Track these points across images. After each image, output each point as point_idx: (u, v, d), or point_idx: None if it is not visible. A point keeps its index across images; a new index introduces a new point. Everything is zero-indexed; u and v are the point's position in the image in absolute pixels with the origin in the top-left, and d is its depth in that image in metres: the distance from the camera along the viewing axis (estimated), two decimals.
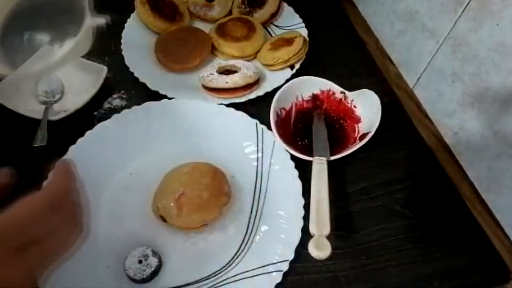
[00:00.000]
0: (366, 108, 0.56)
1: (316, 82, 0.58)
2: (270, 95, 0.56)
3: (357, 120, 0.56)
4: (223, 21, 0.66)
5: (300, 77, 0.58)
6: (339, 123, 0.57)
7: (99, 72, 0.59)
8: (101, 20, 0.48)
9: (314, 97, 0.58)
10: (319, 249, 0.40)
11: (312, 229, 0.42)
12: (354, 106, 0.57)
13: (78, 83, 0.57)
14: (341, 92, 0.57)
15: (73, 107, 0.55)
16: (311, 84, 0.58)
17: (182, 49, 0.61)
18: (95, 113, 0.57)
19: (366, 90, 0.56)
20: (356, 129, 0.56)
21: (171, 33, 0.64)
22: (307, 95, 0.58)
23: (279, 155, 0.51)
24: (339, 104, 0.58)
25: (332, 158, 0.50)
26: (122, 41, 0.62)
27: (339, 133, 0.56)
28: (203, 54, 0.62)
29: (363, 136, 0.53)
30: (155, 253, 0.43)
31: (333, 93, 0.58)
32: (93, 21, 0.48)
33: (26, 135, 0.52)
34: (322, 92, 0.58)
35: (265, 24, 0.69)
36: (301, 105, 0.58)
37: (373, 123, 0.53)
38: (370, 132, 0.52)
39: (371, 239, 0.48)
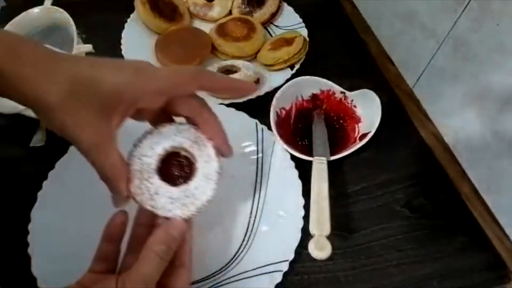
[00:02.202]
0: (366, 108, 0.56)
1: (316, 82, 0.58)
2: (270, 95, 0.56)
3: (357, 120, 0.56)
4: (223, 21, 0.66)
5: (300, 77, 0.58)
6: (339, 123, 0.57)
7: None
8: (88, 47, 0.52)
9: (314, 97, 0.58)
10: (319, 249, 0.40)
11: (312, 229, 0.42)
12: (354, 106, 0.57)
13: None
14: (341, 92, 0.57)
15: None
16: (311, 84, 0.58)
17: (182, 49, 0.61)
18: None
19: (366, 90, 0.56)
20: (356, 129, 0.56)
21: (171, 33, 0.64)
22: (307, 95, 0.58)
23: (279, 155, 0.51)
24: (339, 104, 0.58)
25: (332, 158, 0.50)
26: (122, 41, 0.62)
27: (339, 133, 0.56)
28: (203, 54, 0.62)
29: (363, 136, 0.53)
30: None
31: (333, 93, 0.58)
32: (80, 48, 0.51)
33: (25, 135, 0.52)
34: (322, 92, 0.58)
35: (265, 24, 0.69)
36: (301, 105, 0.58)
37: (373, 123, 0.53)
38: (370, 132, 0.52)
39: (371, 239, 0.48)
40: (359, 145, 0.51)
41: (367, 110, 0.55)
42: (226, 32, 0.64)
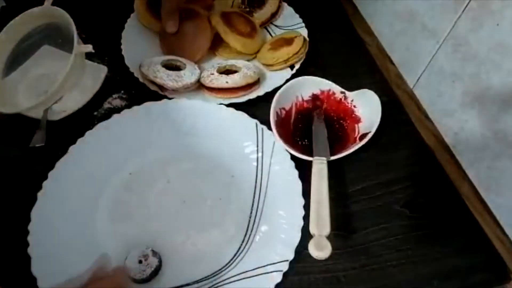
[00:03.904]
0: (366, 108, 0.56)
1: (316, 82, 0.58)
2: (270, 95, 0.56)
3: (357, 120, 0.56)
4: (228, 10, 0.65)
5: (300, 77, 0.58)
6: (339, 123, 0.57)
7: (99, 72, 0.59)
8: (88, 48, 0.51)
9: (314, 97, 0.58)
10: (319, 249, 0.40)
11: (312, 229, 0.42)
12: (354, 106, 0.57)
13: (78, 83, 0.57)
14: (341, 92, 0.57)
15: (73, 107, 0.55)
16: (311, 84, 0.58)
17: (183, 42, 0.61)
18: (95, 113, 0.57)
19: (366, 90, 0.56)
20: (356, 129, 0.56)
21: None
22: (307, 95, 0.58)
23: (279, 155, 0.51)
24: (339, 104, 0.58)
25: (332, 158, 0.50)
26: (122, 41, 0.62)
27: (339, 133, 0.56)
28: (204, 47, 0.62)
29: (363, 136, 0.53)
30: (155, 253, 0.43)
31: (333, 93, 0.58)
32: (80, 48, 0.51)
33: (25, 135, 0.52)
34: (322, 92, 0.58)
35: (265, 24, 0.69)
36: (301, 105, 0.58)
37: (373, 123, 0.53)
38: (370, 132, 0.52)
39: (371, 239, 0.48)
40: (359, 145, 0.51)
41: (367, 110, 0.55)
42: (232, 23, 0.62)
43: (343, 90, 0.57)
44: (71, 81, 0.52)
